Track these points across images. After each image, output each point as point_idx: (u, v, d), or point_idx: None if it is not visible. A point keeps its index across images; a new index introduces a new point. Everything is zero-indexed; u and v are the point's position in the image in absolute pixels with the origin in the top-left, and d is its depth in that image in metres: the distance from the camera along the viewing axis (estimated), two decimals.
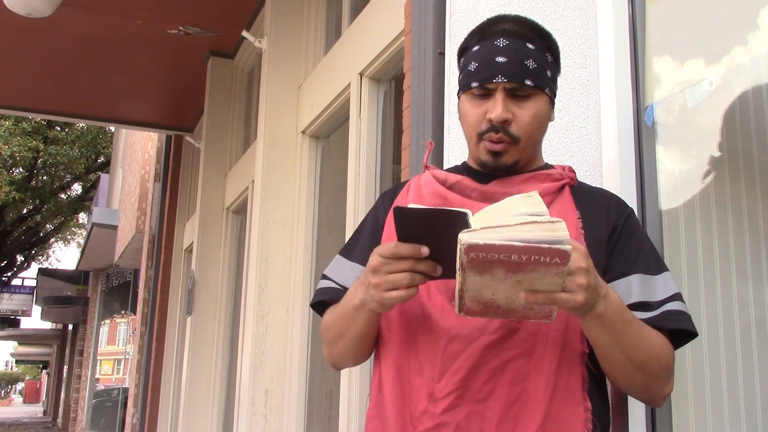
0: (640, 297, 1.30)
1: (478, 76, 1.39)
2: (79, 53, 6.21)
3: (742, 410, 1.44)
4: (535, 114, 1.39)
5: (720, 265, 1.52)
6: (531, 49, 1.40)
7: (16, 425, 21.88)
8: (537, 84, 1.38)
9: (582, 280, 1.10)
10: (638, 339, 1.24)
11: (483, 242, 1.03)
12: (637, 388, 1.31)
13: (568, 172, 1.43)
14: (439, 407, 1.24)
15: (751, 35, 1.53)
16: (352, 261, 1.49)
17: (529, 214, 1.08)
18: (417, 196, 1.44)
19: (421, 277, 1.18)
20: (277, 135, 4.62)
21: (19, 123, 17.84)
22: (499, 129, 1.36)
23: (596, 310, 1.17)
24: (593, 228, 1.35)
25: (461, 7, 2.51)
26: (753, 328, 1.44)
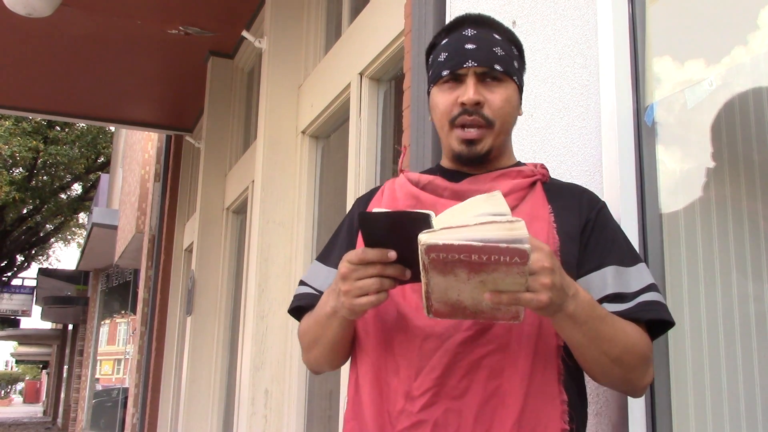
0: (615, 288, 1.31)
1: (449, 64, 1.41)
2: (79, 53, 6.21)
3: (742, 410, 1.44)
4: (507, 99, 1.40)
5: (720, 264, 1.52)
6: (498, 39, 1.43)
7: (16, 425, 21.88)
8: (506, 70, 1.40)
9: (546, 279, 1.10)
10: (612, 334, 1.24)
11: (442, 242, 1.05)
12: (615, 381, 1.32)
13: (539, 169, 1.44)
14: (416, 406, 1.25)
15: (751, 35, 1.53)
16: (329, 266, 1.50)
17: (491, 214, 1.09)
18: (391, 198, 1.45)
19: (390, 281, 1.19)
20: (277, 135, 4.62)
21: (19, 123, 17.84)
22: (473, 112, 1.37)
23: (566, 309, 1.17)
24: (566, 222, 1.35)
25: (461, 7, 2.51)
26: (753, 328, 1.45)
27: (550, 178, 1.46)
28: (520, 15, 2.20)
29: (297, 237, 4.48)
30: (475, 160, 1.41)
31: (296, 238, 4.49)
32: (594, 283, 1.32)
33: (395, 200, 1.44)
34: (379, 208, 1.39)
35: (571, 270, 1.31)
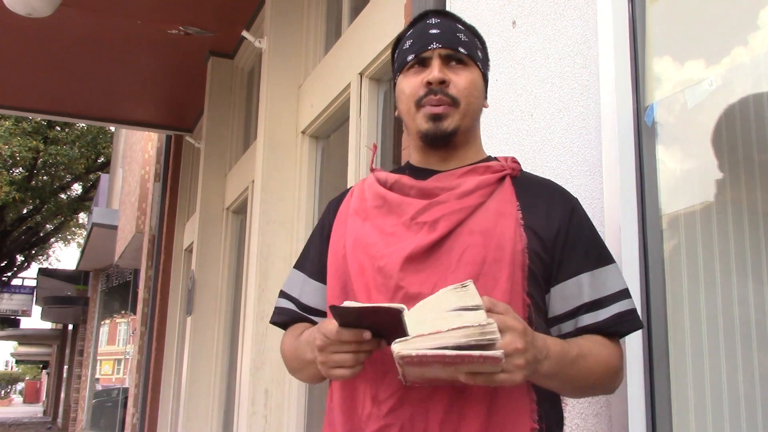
0: (591, 296, 1.32)
1: (413, 49, 1.43)
2: (79, 53, 6.21)
3: (742, 410, 1.44)
4: (471, 81, 1.42)
5: (720, 264, 1.52)
6: (461, 28, 1.46)
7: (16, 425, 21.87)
8: (470, 54, 1.42)
9: (519, 361, 1.12)
10: (586, 371, 1.27)
11: (415, 353, 1.07)
12: (588, 396, 1.38)
13: (510, 163, 1.44)
14: (383, 409, 1.25)
15: (751, 35, 1.53)
16: (305, 274, 1.52)
17: (462, 309, 1.11)
18: (360, 199, 1.45)
19: (366, 354, 1.21)
20: (277, 135, 4.61)
21: (19, 123, 17.84)
22: (438, 91, 1.38)
23: (539, 372, 1.19)
24: (534, 219, 1.35)
25: (461, 7, 2.51)
26: (753, 328, 1.44)
27: (521, 172, 1.44)
28: (520, 15, 2.20)
29: (297, 237, 4.48)
30: (442, 138, 1.40)
31: (296, 238, 4.48)
32: (570, 291, 1.33)
33: (364, 201, 1.44)
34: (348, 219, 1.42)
35: (539, 265, 1.32)
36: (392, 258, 1.31)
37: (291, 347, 1.46)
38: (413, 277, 1.29)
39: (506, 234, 1.30)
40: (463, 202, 1.34)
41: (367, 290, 1.31)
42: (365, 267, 1.34)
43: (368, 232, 1.38)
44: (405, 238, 1.33)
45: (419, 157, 1.48)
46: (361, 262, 1.35)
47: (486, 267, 1.28)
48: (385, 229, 1.37)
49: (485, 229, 1.31)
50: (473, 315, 1.10)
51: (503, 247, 1.29)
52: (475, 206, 1.34)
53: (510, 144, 2.16)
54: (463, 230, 1.32)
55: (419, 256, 1.30)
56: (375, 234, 1.37)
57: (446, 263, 1.29)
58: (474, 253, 1.29)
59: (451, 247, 1.30)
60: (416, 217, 1.35)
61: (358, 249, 1.37)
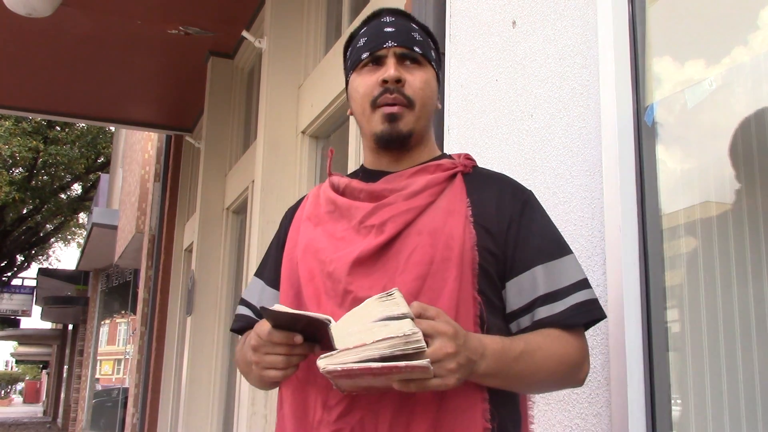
0: (546, 288, 1.30)
1: (368, 47, 1.42)
2: (79, 53, 6.21)
3: (742, 410, 1.44)
4: (426, 81, 1.41)
5: (720, 264, 1.52)
6: (415, 27, 1.45)
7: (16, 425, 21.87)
8: (425, 54, 1.42)
9: (451, 365, 1.12)
10: (533, 367, 1.25)
11: (341, 368, 1.08)
12: (549, 391, 1.34)
13: (462, 160, 1.42)
14: (333, 415, 1.25)
15: (751, 35, 1.53)
16: (263, 281, 1.52)
17: (388, 318, 1.11)
18: (314, 205, 1.45)
19: (299, 357, 1.20)
20: (277, 135, 4.61)
21: (19, 123, 17.85)
22: (394, 90, 1.37)
23: (477, 372, 1.18)
24: (484, 216, 1.33)
25: (461, 7, 2.51)
26: (753, 328, 1.44)
27: (474, 168, 1.43)
28: (520, 15, 2.20)
29: None
30: (397, 140, 1.38)
31: None
32: (524, 285, 1.31)
33: (318, 206, 1.44)
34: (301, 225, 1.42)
35: (491, 261, 1.31)
36: (340, 262, 1.30)
37: (240, 353, 1.46)
38: (362, 281, 1.28)
39: (455, 232, 1.29)
40: (411, 203, 1.33)
41: (317, 295, 1.31)
42: (315, 272, 1.33)
43: (318, 238, 1.38)
44: (354, 243, 1.32)
45: (371, 159, 1.47)
46: (311, 268, 1.34)
47: (434, 267, 1.27)
48: (335, 234, 1.36)
49: (433, 229, 1.30)
50: (398, 324, 1.10)
51: (451, 246, 1.28)
52: (423, 206, 1.33)
53: (510, 144, 2.16)
54: (412, 231, 1.31)
55: (367, 260, 1.29)
56: (325, 239, 1.36)
57: (394, 265, 1.28)
58: (422, 253, 1.28)
59: (400, 249, 1.29)
60: (364, 221, 1.34)
61: (309, 255, 1.36)
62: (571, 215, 1.87)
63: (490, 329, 1.28)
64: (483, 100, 2.31)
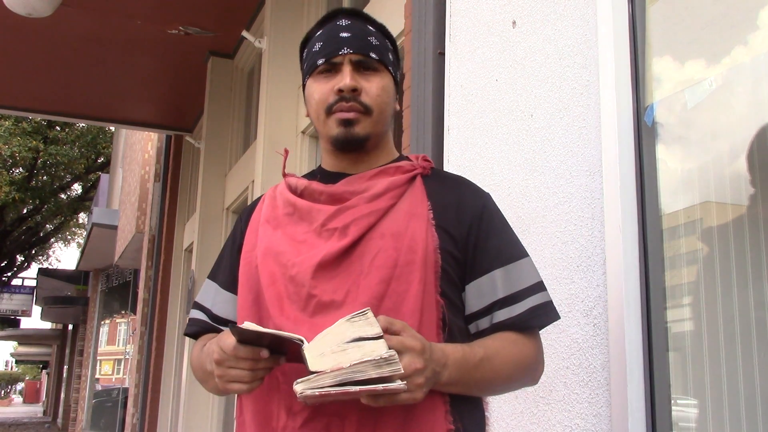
0: (505, 292, 1.31)
1: (323, 52, 1.40)
2: (79, 53, 6.21)
3: (742, 410, 1.44)
4: (383, 87, 1.39)
5: (720, 264, 1.52)
6: (372, 30, 1.43)
7: (16, 425, 21.87)
8: (381, 59, 1.40)
9: (419, 380, 1.13)
10: (492, 373, 1.26)
11: (319, 392, 1.08)
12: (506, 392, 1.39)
13: (421, 162, 1.42)
14: (299, 420, 1.24)
15: (751, 35, 1.53)
16: (217, 284, 1.50)
17: (361, 339, 1.11)
18: (271, 207, 1.43)
19: (264, 371, 1.19)
20: (277, 135, 4.61)
21: (19, 123, 17.85)
22: (350, 98, 1.36)
23: (440, 381, 1.20)
24: (445, 218, 1.34)
25: (461, 7, 2.51)
26: (753, 328, 1.45)
27: (433, 170, 1.43)
28: (520, 15, 2.20)
29: None
30: (353, 143, 1.38)
31: None
32: (483, 288, 1.32)
33: (275, 209, 1.42)
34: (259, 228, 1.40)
35: (453, 264, 1.31)
36: (303, 266, 1.30)
37: (196, 358, 1.45)
38: (325, 285, 1.28)
39: (417, 235, 1.29)
40: (374, 206, 1.33)
41: (279, 300, 1.30)
42: (276, 276, 1.32)
43: (279, 241, 1.36)
44: (316, 246, 1.32)
45: (330, 161, 1.46)
46: (272, 272, 1.33)
47: (398, 270, 1.27)
48: (296, 237, 1.35)
49: (396, 232, 1.30)
50: (373, 345, 1.10)
51: (414, 249, 1.28)
52: (385, 209, 1.33)
53: (510, 144, 2.16)
54: (374, 234, 1.30)
55: (330, 263, 1.29)
56: (286, 242, 1.35)
57: (358, 269, 1.28)
58: (385, 256, 1.28)
59: (363, 252, 1.29)
60: (326, 224, 1.33)
61: (269, 258, 1.35)
62: (571, 215, 1.87)
63: (452, 330, 1.30)
64: (483, 100, 2.31)
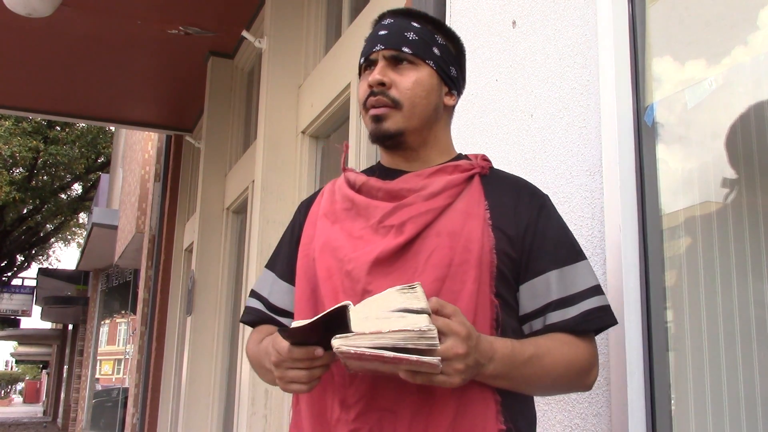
0: (559, 294, 1.31)
1: (364, 52, 1.45)
2: (79, 53, 6.21)
3: (742, 410, 1.44)
4: (416, 81, 1.40)
5: (720, 264, 1.52)
6: (415, 26, 1.43)
7: (16, 425, 21.87)
8: (416, 52, 1.40)
9: (459, 365, 1.13)
10: (540, 372, 1.26)
11: (354, 351, 1.09)
12: (557, 394, 1.36)
13: (479, 161, 1.43)
14: (352, 414, 1.25)
15: (751, 35, 1.53)
16: (275, 274, 1.52)
17: (406, 310, 1.12)
18: (330, 201, 1.45)
19: (321, 369, 1.21)
20: (277, 135, 4.61)
21: (19, 123, 17.85)
22: (378, 93, 1.39)
23: (484, 373, 1.20)
24: (502, 219, 1.34)
25: (461, 7, 2.51)
26: (753, 328, 1.45)
27: (491, 169, 1.44)
28: (520, 15, 2.20)
29: None
30: (384, 138, 1.41)
31: None
32: (538, 289, 1.32)
33: (334, 203, 1.44)
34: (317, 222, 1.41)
35: (508, 264, 1.32)
36: (359, 262, 1.31)
37: (253, 352, 1.46)
38: (380, 281, 1.28)
39: (473, 235, 1.30)
40: (431, 204, 1.33)
41: (335, 294, 1.31)
42: (333, 271, 1.34)
43: (336, 236, 1.38)
44: (372, 242, 1.33)
45: (387, 158, 1.49)
46: (329, 266, 1.34)
47: (453, 269, 1.28)
48: (353, 233, 1.36)
49: (452, 231, 1.31)
50: (415, 318, 1.11)
51: (470, 249, 1.29)
52: (442, 207, 1.34)
53: (510, 144, 2.16)
54: (431, 232, 1.31)
55: (386, 260, 1.30)
56: (343, 237, 1.37)
57: (413, 266, 1.29)
58: (441, 255, 1.29)
59: (418, 250, 1.30)
60: (383, 221, 1.34)
61: (326, 252, 1.36)
62: (571, 215, 1.87)
63: (505, 330, 1.30)
64: (483, 100, 2.31)
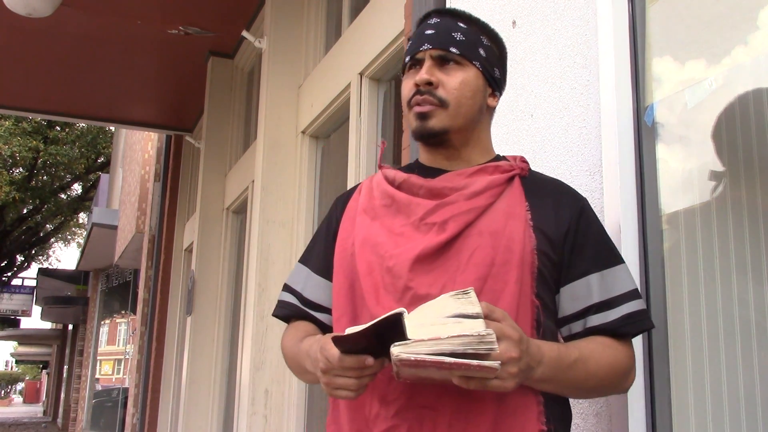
0: (600, 297, 1.32)
1: (410, 50, 1.45)
2: (79, 53, 6.21)
3: (742, 410, 1.44)
4: (463, 81, 1.40)
5: (720, 264, 1.52)
6: (462, 27, 1.44)
7: (16, 425, 21.87)
8: (463, 53, 1.41)
9: (513, 369, 1.13)
10: (585, 375, 1.27)
11: (414, 357, 1.09)
12: (597, 397, 1.37)
13: (519, 163, 1.43)
14: (391, 410, 1.25)
15: (751, 35, 1.53)
16: (309, 268, 1.52)
17: (462, 315, 1.12)
18: (368, 198, 1.45)
19: (369, 378, 1.20)
20: (277, 135, 4.61)
21: (19, 123, 17.85)
22: (425, 92, 1.39)
23: (533, 377, 1.20)
24: (543, 220, 1.35)
25: (461, 7, 2.51)
26: (753, 328, 1.45)
27: (530, 171, 1.44)
28: (520, 15, 2.20)
29: (297, 237, 4.48)
30: (428, 136, 1.41)
31: (296, 238, 4.48)
32: (578, 292, 1.33)
33: (372, 199, 1.44)
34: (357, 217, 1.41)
35: (548, 266, 1.32)
36: (401, 258, 1.31)
37: (291, 350, 1.47)
38: (422, 278, 1.29)
39: (515, 235, 1.31)
40: (473, 203, 1.34)
41: (375, 290, 1.31)
42: (374, 267, 1.34)
43: (377, 232, 1.38)
44: (414, 239, 1.33)
45: (426, 156, 1.48)
46: (370, 262, 1.35)
47: (495, 269, 1.28)
48: (394, 229, 1.37)
49: (494, 231, 1.31)
50: (472, 323, 1.11)
51: (512, 249, 1.29)
52: (484, 207, 1.34)
53: (510, 144, 2.16)
54: (472, 231, 1.32)
55: (428, 257, 1.30)
56: (383, 233, 1.37)
57: (455, 264, 1.29)
58: (483, 254, 1.29)
59: (460, 249, 1.30)
60: (425, 218, 1.35)
61: (367, 248, 1.36)
62: None
63: (545, 333, 1.31)
64: None
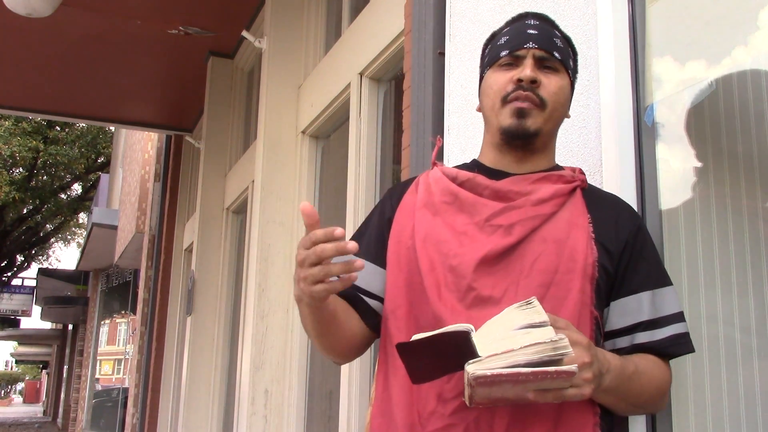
0: (650, 315, 1.33)
1: (509, 45, 1.41)
2: (79, 53, 6.21)
3: (742, 410, 1.44)
4: (561, 87, 1.40)
5: (720, 264, 1.52)
6: (558, 35, 1.44)
7: (16, 425, 21.87)
8: (563, 60, 1.40)
9: (587, 374, 1.14)
10: (639, 389, 1.28)
11: (490, 373, 1.07)
12: (636, 414, 1.40)
13: (578, 174, 1.43)
14: (449, 408, 1.24)
15: (751, 35, 1.53)
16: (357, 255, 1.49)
17: (529, 326, 1.11)
18: (427, 193, 1.43)
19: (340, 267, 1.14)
20: (277, 135, 4.61)
21: (19, 123, 17.84)
22: (528, 88, 1.36)
23: (601, 386, 1.20)
24: (603, 234, 1.35)
25: (461, 7, 2.51)
26: (753, 329, 1.45)
27: (588, 185, 1.44)
28: None
29: (297, 237, 4.48)
30: (522, 135, 1.37)
31: (296, 238, 4.48)
32: (630, 307, 1.34)
33: (431, 195, 1.41)
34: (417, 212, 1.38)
35: (605, 279, 1.32)
36: (466, 258, 1.30)
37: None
38: (486, 279, 1.28)
39: (578, 246, 1.31)
40: (538, 210, 1.33)
41: (437, 287, 1.30)
42: (436, 264, 1.33)
43: (439, 229, 1.36)
44: (478, 239, 1.32)
45: (492, 157, 1.45)
46: (432, 258, 1.33)
47: (558, 276, 1.28)
48: (456, 227, 1.35)
49: (558, 239, 1.31)
50: (541, 332, 1.10)
51: (575, 259, 1.29)
52: (549, 215, 1.34)
53: None
54: (536, 238, 1.31)
55: (493, 259, 1.30)
56: (446, 231, 1.35)
57: (518, 269, 1.29)
58: (546, 261, 1.29)
59: (524, 254, 1.30)
60: (491, 219, 1.34)
61: (429, 244, 1.35)
62: None
63: (598, 344, 1.30)
64: None
